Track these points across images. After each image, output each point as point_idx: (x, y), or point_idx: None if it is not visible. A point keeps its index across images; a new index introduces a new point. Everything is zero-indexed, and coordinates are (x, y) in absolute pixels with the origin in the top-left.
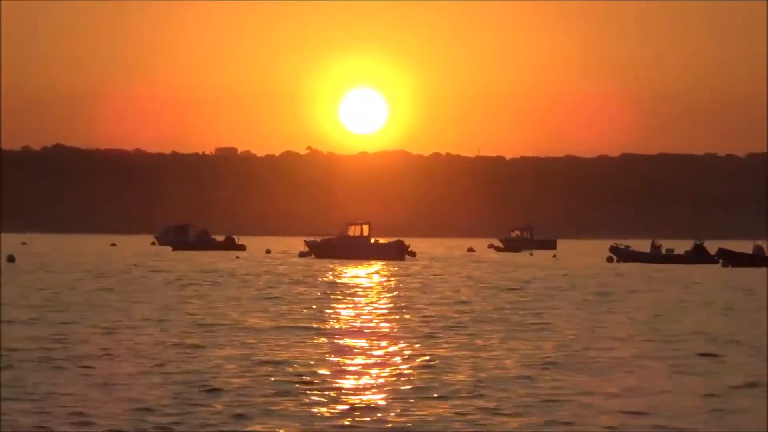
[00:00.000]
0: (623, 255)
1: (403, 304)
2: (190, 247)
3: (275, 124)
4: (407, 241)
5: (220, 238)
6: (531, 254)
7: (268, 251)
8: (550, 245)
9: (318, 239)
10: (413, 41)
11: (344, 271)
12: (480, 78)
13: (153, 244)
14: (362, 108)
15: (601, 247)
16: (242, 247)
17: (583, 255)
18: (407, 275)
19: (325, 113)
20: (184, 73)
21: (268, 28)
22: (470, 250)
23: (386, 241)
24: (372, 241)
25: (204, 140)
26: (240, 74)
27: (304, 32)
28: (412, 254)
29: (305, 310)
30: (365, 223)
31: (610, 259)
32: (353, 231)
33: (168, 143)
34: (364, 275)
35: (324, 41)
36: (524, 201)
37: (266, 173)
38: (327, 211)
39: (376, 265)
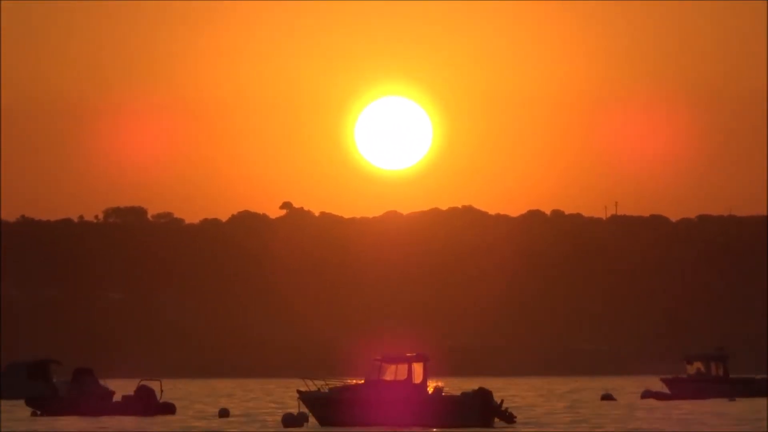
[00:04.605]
0: None
1: None
2: (56, 408)
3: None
4: (494, 386)
5: (125, 384)
6: (732, 401)
7: (224, 413)
8: (762, 387)
9: (324, 387)
10: (475, 25)
11: None
12: (607, 78)
13: None
14: (390, 129)
15: None
16: (170, 408)
17: None
18: None
19: (326, 139)
20: (46, 82)
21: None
22: (607, 397)
23: (449, 390)
24: (430, 389)
25: (80, 196)
26: (160, 78)
27: (295, 18)
28: (510, 418)
29: None
30: (417, 360)
31: None
32: (393, 373)
33: (15, 204)
34: None
35: (329, 28)
36: (702, 301)
37: (201, 255)
38: (334, 332)
39: None
